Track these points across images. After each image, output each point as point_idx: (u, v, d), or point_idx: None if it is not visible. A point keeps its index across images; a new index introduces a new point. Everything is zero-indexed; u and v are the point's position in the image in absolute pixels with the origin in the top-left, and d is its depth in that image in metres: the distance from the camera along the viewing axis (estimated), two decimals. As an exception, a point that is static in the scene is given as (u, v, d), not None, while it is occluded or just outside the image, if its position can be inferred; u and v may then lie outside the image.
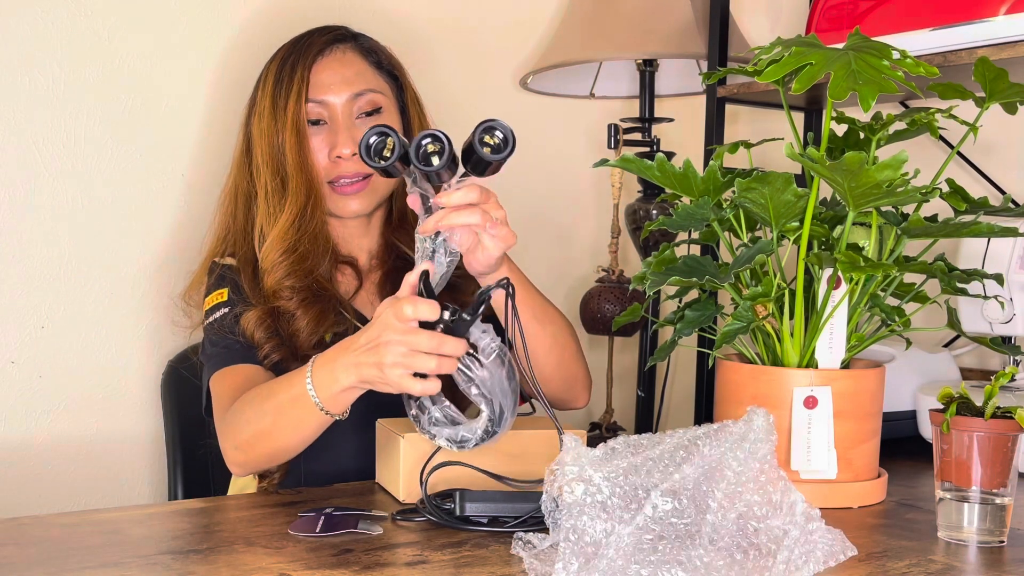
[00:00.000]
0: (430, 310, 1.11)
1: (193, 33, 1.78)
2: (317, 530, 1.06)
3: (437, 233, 1.18)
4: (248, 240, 1.50)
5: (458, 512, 1.09)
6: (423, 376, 1.13)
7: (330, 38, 1.52)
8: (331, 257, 1.50)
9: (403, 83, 1.57)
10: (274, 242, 1.44)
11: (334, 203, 1.50)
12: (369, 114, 1.50)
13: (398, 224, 1.55)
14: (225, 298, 1.47)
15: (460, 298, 1.50)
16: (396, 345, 1.12)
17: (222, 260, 1.51)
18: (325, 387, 1.19)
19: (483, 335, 1.13)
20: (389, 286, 1.51)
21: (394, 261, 1.53)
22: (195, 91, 1.79)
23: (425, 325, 1.12)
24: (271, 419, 1.26)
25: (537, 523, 1.04)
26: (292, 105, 1.46)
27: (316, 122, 1.49)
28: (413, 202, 1.21)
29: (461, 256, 1.23)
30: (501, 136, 1.16)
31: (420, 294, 1.15)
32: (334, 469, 1.42)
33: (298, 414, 1.23)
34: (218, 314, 1.45)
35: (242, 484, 1.51)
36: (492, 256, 1.23)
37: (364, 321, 1.49)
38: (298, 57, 1.50)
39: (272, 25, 1.84)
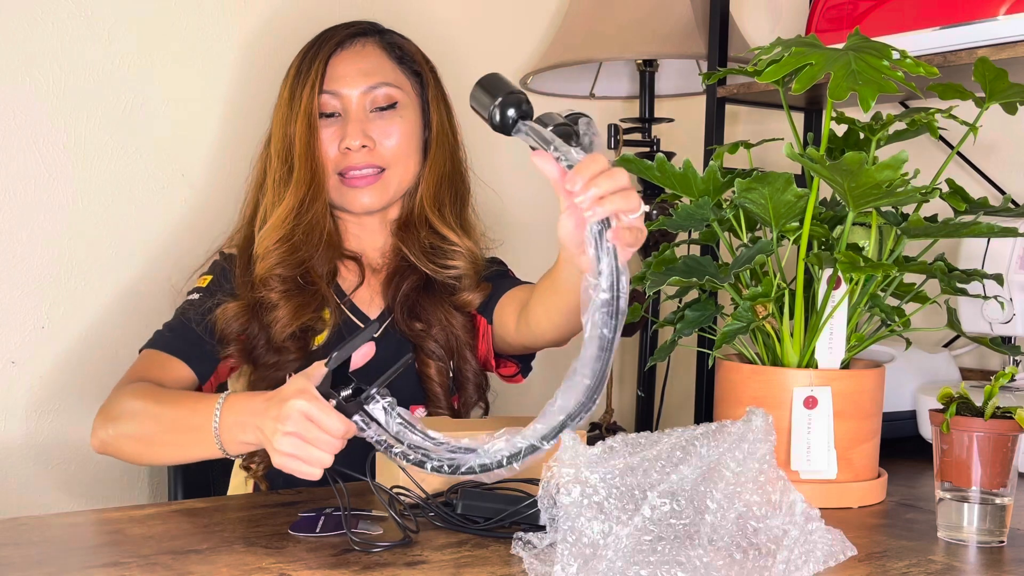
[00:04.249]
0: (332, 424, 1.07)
1: (194, 33, 1.78)
2: (317, 530, 1.06)
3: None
4: (252, 227, 1.50)
5: (459, 511, 1.09)
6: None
7: (353, 31, 1.52)
8: (336, 251, 1.51)
9: (426, 80, 1.55)
10: (270, 230, 1.45)
11: (344, 197, 1.50)
12: (384, 108, 1.50)
13: (403, 225, 1.54)
14: (205, 284, 1.49)
15: (457, 300, 1.50)
16: (291, 436, 1.08)
17: (228, 249, 1.53)
18: (230, 435, 1.19)
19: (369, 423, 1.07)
20: (392, 288, 1.51)
21: (399, 262, 1.53)
22: (195, 91, 1.79)
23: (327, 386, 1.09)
24: (162, 431, 1.28)
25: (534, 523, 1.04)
26: (306, 95, 1.47)
27: (331, 115, 1.49)
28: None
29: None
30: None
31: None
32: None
33: (192, 439, 1.24)
34: (192, 297, 1.48)
35: (236, 484, 1.51)
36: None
37: (360, 315, 1.50)
38: (319, 49, 1.50)
39: (272, 25, 1.84)
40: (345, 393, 1.07)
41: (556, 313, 1.29)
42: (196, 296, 1.47)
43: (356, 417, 1.06)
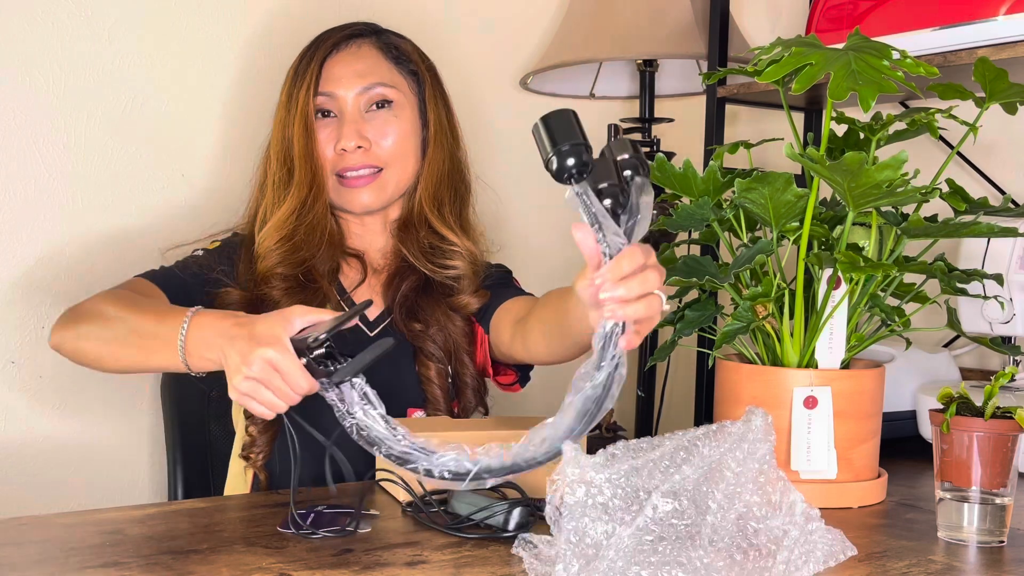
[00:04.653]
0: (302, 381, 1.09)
1: (194, 33, 1.78)
2: (306, 526, 1.06)
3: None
4: (254, 225, 1.52)
5: (448, 509, 1.09)
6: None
7: (349, 33, 1.53)
8: (338, 250, 1.51)
9: (423, 79, 1.55)
10: (271, 230, 1.46)
11: (343, 197, 1.50)
12: (379, 108, 1.50)
13: (402, 225, 1.54)
14: (212, 248, 1.51)
15: (454, 301, 1.50)
16: (252, 380, 1.10)
17: (242, 231, 1.55)
18: (195, 349, 1.19)
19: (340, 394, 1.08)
20: (391, 288, 1.51)
21: (399, 263, 1.53)
22: (195, 91, 1.79)
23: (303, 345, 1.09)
24: (126, 333, 1.26)
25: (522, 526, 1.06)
26: (302, 96, 1.48)
27: (327, 114, 1.50)
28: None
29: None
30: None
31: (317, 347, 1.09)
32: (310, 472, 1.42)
33: (156, 345, 1.23)
34: (197, 253, 1.50)
35: (235, 472, 1.51)
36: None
37: (360, 314, 1.50)
38: (315, 51, 1.51)
39: (272, 25, 1.84)
40: (318, 352, 1.08)
41: (556, 341, 1.29)
42: (201, 253, 1.50)
43: (323, 379, 1.07)
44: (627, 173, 0.99)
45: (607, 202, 0.98)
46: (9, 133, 1.64)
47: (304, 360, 1.08)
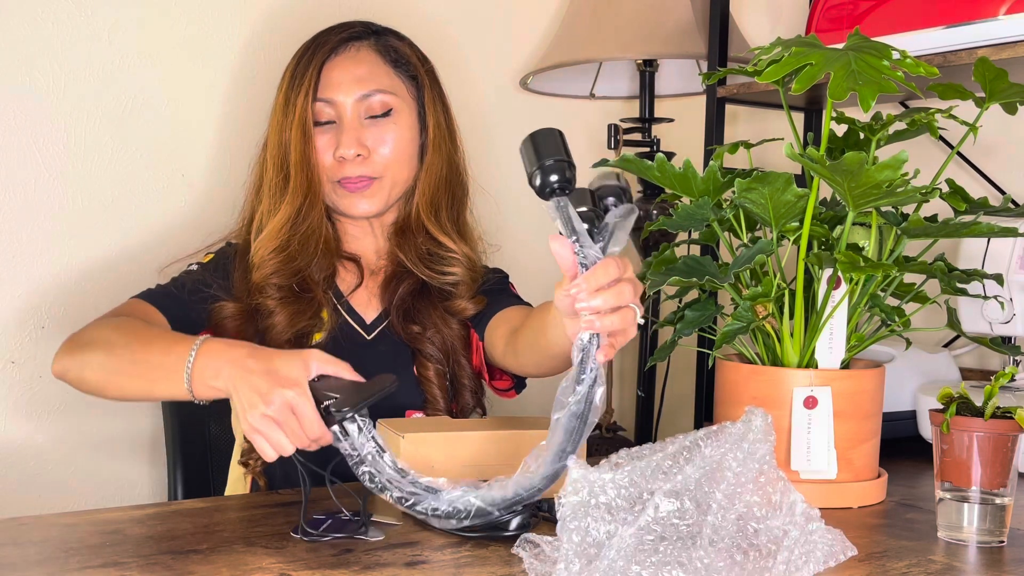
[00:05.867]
0: (317, 430, 1.10)
1: (194, 33, 1.78)
2: (319, 532, 1.06)
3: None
4: (249, 232, 1.51)
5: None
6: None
7: (346, 36, 1.51)
8: (334, 255, 1.51)
9: (422, 82, 1.54)
10: (266, 239, 1.45)
11: (343, 202, 1.50)
12: (378, 116, 1.49)
13: (399, 230, 1.54)
14: (207, 261, 1.50)
15: (451, 306, 1.50)
16: (268, 419, 1.10)
17: (235, 240, 1.54)
18: (201, 377, 1.18)
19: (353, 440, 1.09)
20: (389, 291, 1.51)
21: (396, 266, 1.53)
22: (195, 91, 1.79)
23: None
24: (131, 363, 1.25)
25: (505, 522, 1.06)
26: (300, 102, 1.46)
27: (326, 122, 1.49)
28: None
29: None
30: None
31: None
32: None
33: (161, 375, 1.22)
34: (191, 268, 1.49)
35: (235, 478, 1.51)
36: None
37: (357, 318, 1.50)
38: (313, 55, 1.49)
39: (273, 25, 1.84)
40: (328, 403, 1.09)
41: (540, 354, 1.29)
42: (195, 268, 1.49)
43: (335, 427, 1.08)
44: (611, 200, 1.02)
45: (584, 227, 1.01)
46: (9, 133, 1.64)
47: (320, 407, 1.10)
